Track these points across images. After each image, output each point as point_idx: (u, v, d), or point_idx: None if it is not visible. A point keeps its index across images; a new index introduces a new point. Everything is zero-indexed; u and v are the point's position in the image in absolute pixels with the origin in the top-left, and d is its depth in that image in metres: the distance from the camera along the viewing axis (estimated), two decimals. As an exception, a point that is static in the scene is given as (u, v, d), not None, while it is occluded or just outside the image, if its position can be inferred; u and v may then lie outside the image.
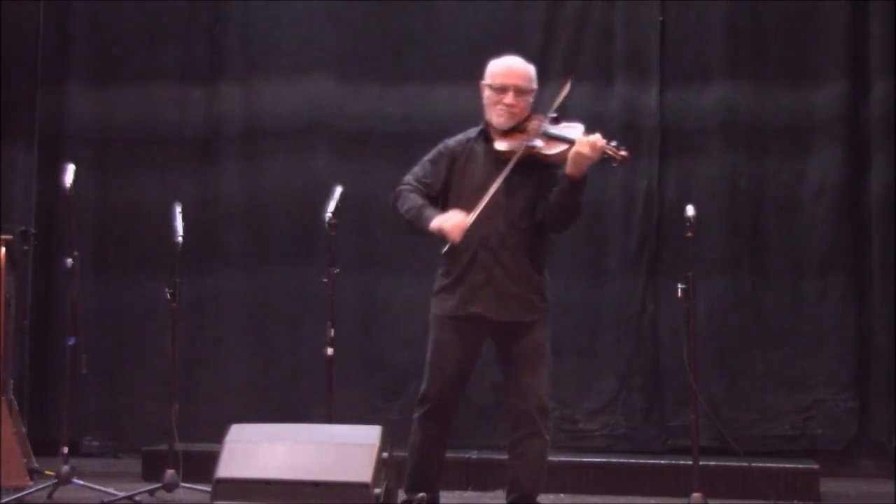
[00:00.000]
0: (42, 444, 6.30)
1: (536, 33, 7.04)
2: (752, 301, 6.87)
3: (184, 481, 5.55)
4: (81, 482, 5.57)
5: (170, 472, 5.55)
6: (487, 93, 4.75)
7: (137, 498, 5.53)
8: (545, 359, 4.68)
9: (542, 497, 4.74)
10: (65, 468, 5.50)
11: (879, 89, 6.76)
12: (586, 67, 7.01)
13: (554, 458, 5.04)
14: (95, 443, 7.22)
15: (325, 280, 5.38)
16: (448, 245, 4.57)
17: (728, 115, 6.93)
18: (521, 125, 4.69)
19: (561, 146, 4.59)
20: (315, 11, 7.29)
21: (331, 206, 5.38)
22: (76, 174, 5.62)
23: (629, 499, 6.04)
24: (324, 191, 5.61)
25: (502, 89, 4.69)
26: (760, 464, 5.97)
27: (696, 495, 5.38)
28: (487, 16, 7.13)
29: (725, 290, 6.84)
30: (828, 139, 6.84)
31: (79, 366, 5.56)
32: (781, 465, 6.13)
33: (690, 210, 5.38)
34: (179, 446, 5.55)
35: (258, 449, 4.46)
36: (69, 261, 5.56)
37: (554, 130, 4.65)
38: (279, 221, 7.21)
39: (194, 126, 7.36)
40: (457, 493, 6.07)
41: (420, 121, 7.04)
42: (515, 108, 4.68)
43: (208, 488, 4.50)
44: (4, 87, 7.03)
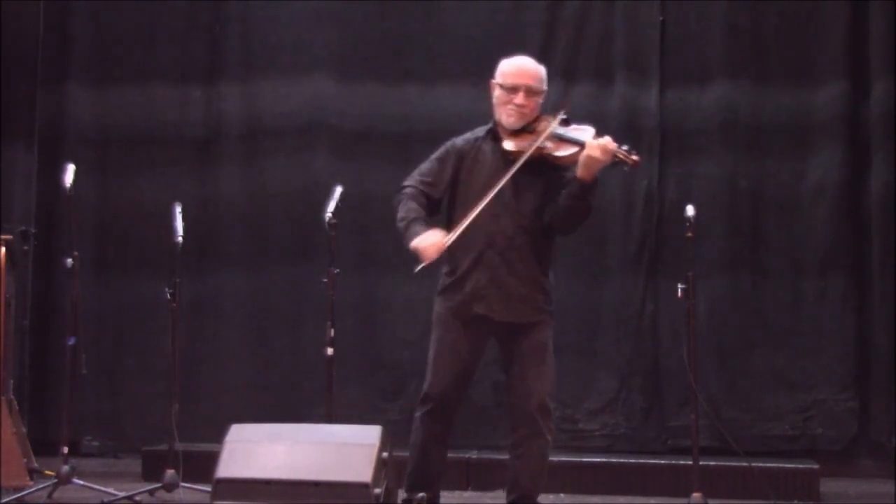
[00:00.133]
0: (42, 444, 6.29)
1: (536, 33, 7.04)
2: (752, 301, 6.87)
3: (184, 481, 5.54)
4: (81, 482, 5.56)
5: (170, 472, 5.55)
6: (498, 92, 4.71)
7: (137, 498, 5.53)
8: (548, 359, 4.66)
9: (543, 497, 4.73)
10: (65, 468, 5.50)
11: (879, 89, 6.77)
12: (586, 67, 7.02)
13: (554, 458, 5.02)
14: (95, 443, 7.22)
15: (325, 280, 5.37)
16: (421, 265, 4.52)
17: (728, 115, 6.93)
18: (531, 126, 4.66)
19: (571, 148, 4.56)
20: (315, 11, 7.29)
21: (331, 206, 5.37)
22: (76, 174, 5.60)
23: (629, 499, 6.03)
24: (324, 191, 5.60)
25: (513, 89, 4.65)
26: (760, 464, 5.97)
27: (696, 495, 5.38)
28: (487, 16, 7.13)
29: (725, 290, 6.84)
30: (828, 139, 6.84)
31: (79, 366, 5.56)
32: (781, 465, 6.13)
33: (690, 210, 5.38)
34: (179, 446, 5.55)
35: (258, 449, 4.45)
36: (69, 261, 5.55)
37: (564, 132, 4.62)
38: (279, 221, 7.21)
39: (194, 126, 7.36)
40: (457, 493, 6.07)
41: (420, 121, 7.05)
42: (526, 109, 4.65)
43: (208, 488, 4.49)
44: (4, 87, 7.03)
